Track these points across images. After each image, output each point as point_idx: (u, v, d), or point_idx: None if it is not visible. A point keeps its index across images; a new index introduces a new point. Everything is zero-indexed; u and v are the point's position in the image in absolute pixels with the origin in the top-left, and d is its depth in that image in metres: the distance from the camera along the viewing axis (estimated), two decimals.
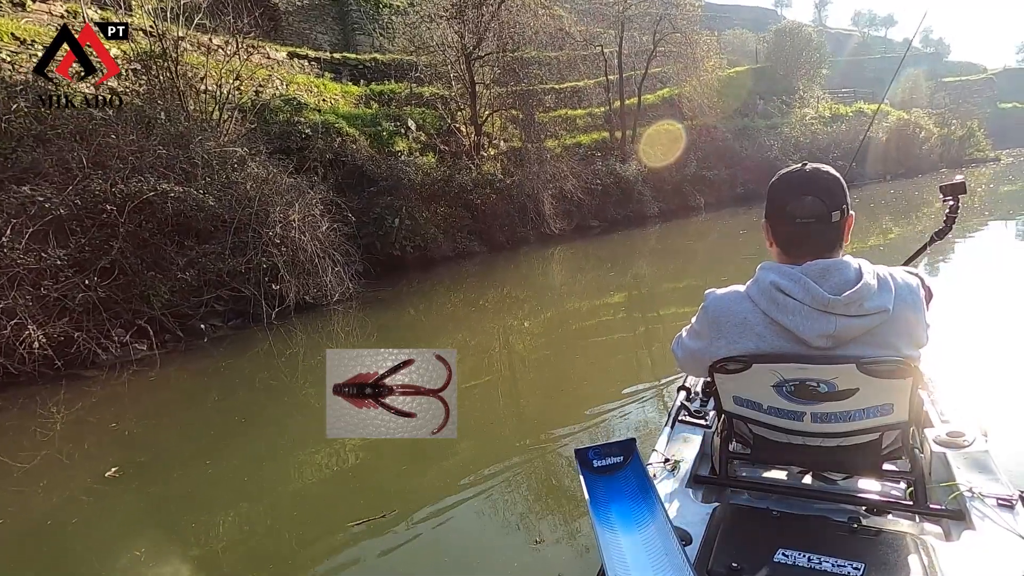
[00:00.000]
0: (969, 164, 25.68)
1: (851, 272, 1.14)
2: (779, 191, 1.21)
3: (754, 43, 25.57)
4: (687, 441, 1.56)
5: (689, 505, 1.29)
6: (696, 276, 9.12)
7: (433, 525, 2.72)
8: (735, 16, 39.24)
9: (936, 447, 1.39)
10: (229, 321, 6.05)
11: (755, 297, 1.19)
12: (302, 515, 3.00)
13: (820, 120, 21.09)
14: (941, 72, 42.23)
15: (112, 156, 5.75)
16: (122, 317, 5.25)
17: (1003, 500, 1.19)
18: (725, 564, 1.05)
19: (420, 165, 11.34)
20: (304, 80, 13.52)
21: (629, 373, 4.91)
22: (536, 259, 11.40)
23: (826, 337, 1.13)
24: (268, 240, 5.97)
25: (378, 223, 10.03)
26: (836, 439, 1.24)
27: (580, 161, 14.20)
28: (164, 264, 5.63)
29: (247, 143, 8.38)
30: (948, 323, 1.26)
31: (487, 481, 3.06)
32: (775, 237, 1.24)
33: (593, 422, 3.73)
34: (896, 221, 12.92)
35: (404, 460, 3.44)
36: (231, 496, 3.26)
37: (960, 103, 31.24)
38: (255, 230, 5.98)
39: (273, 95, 11.04)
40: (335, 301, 6.67)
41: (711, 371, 1.27)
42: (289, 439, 3.97)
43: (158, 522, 3.03)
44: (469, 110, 12.77)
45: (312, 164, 10.07)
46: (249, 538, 2.86)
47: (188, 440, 4.07)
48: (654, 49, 15.49)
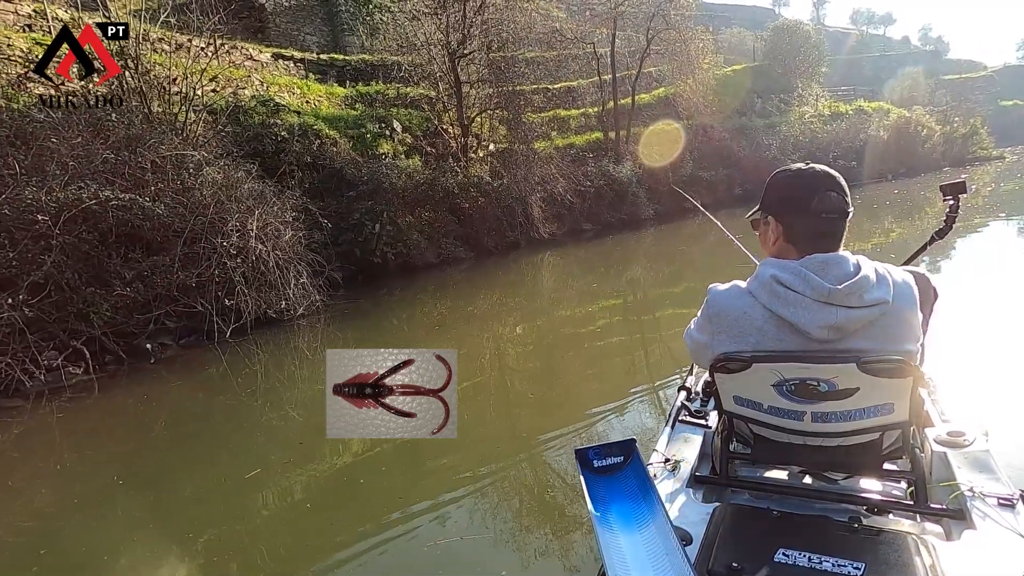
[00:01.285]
0: (972, 163, 25.10)
1: (849, 265, 1.15)
2: (800, 188, 1.20)
3: (752, 42, 25.14)
4: (687, 441, 1.55)
5: (689, 505, 1.29)
6: (693, 279, 8.76)
7: (418, 539, 2.62)
8: (733, 15, 38.93)
9: (937, 446, 1.38)
10: (181, 339, 5.56)
11: (756, 292, 1.19)
12: (271, 546, 2.74)
13: (820, 119, 20.58)
14: (941, 70, 41.90)
15: (52, 161, 5.27)
16: (56, 338, 4.77)
17: (1004, 500, 1.19)
18: (725, 564, 1.05)
19: (403, 168, 10.86)
20: (286, 81, 13.10)
21: (625, 379, 4.69)
22: (526, 265, 10.94)
23: (828, 328, 1.12)
24: (223, 251, 5.47)
25: (357, 229, 9.57)
26: (837, 439, 1.24)
27: (572, 162, 13.75)
28: (106, 278, 5.15)
29: (217, 146, 7.97)
30: (948, 323, 1.43)
31: (481, 481, 3.03)
32: (790, 233, 1.21)
33: (585, 427, 3.65)
34: (899, 221, 12.48)
35: (374, 496, 3.14)
36: (181, 532, 2.89)
37: (961, 101, 30.69)
38: (208, 240, 5.49)
39: (251, 96, 10.57)
40: (299, 315, 6.19)
41: (711, 371, 1.27)
42: (248, 464, 3.62)
43: (96, 566, 2.67)
44: (456, 111, 12.32)
45: (288, 168, 9.64)
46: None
47: (131, 471, 3.66)
48: (647, 46, 15.02)
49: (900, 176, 21.13)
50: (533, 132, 13.02)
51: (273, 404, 4.84)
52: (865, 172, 20.24)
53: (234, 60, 13.52)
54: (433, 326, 7.37)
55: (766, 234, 1.26)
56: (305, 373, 5.48)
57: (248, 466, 3.62)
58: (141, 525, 3.04)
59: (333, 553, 2.64)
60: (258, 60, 14.06)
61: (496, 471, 3.16)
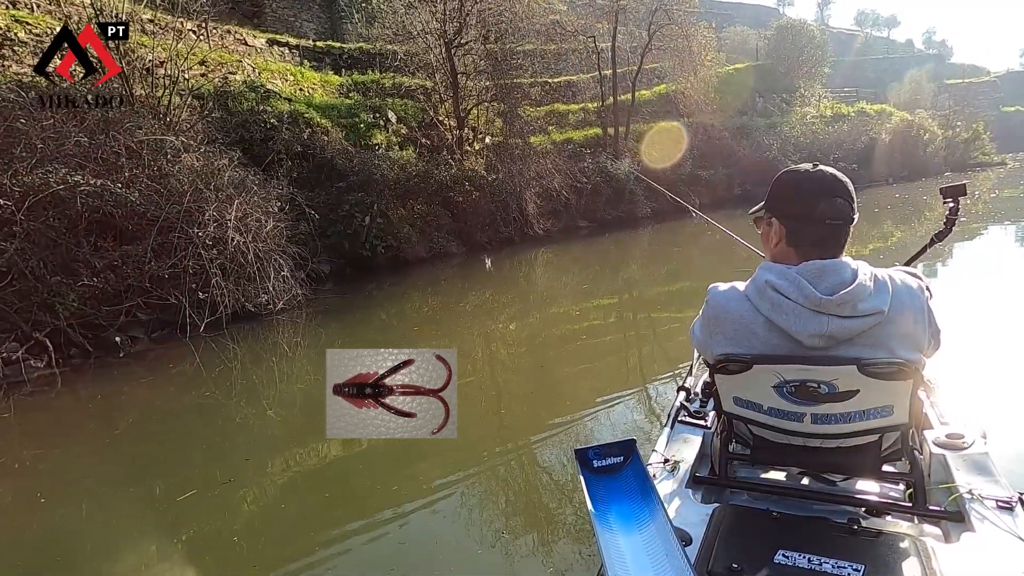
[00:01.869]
0: (974, 168, 24.92)
1: (847, 273, 1.13)
2: (805, 192, 1.18)
3: (755, 40, 24.86)
4: (687, 442, 1.55)
5: (689, 506, 1.28)
6: (690, 277, 8.58)
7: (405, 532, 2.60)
8: (736, 14, 38.64)
9: (936, 449, 1.38)
10: (152, 333, 5.32)
11: (752, 296, 1.19)
12: (251, 547, 2.61)
13: (821, 119, 20.34)
14: (944, 74, 41.76)
15: (19, 143, 5.02)
16: (17, 329, 4.53)
17: (1002, 502, 1.18)
18: (725, 565, 1.05)
19: (396, 159, 10.60)
20: (279, 68, 12.81)
21: (617, 379, 4.62)
22: (519, 262, 10.72)
23: (818, 337, 1.12)
24: (198, 241, 5.23)
25: (347, 221, 9.32)
26: (836, 440, 1.24)
27: (569, 158, 13.50)
28: (74, 267, 4.91)
29: (202, 132, 7.71)
30: (948, 325, 1.23)
31: (468, 480, 3.00)
32: (792, 237, 1.19)
33: (576, 422, 3.60)
34: (898, 225, 12.29)
35: (361, 497, 3.00)
36: (152, 533, 2.76)
37: (964, 105, 30.49)
38: (184, 230, 5.25)
39: (241, 82, 10.28)
40: (279, 310, 5.95)
41: (711, 372, 1.27)
42: (221, 465, 3.46)
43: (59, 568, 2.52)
44: (452, 102, 12.05)
45: (277, 156, 9.38)
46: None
47: (95, 472, 3.47)
48: (649, 41, 14.75)
49: (901, 179, 20.94)
50: (530, 126, 12.76)
51: (249, 401, 4.63)
52: (866, 175, 20.06)
53: (227, 45, 13.24)
54: (423, 322, 7.19)
55: (768, 235, 1.24)
56: (285, 370, 5.27)
57: (221, 467, 3.44)
58: (108, 526, 2.88)
59: (316, 551, 2.55)
60: (252, 45, 13.77)
61: (484, 471, 3.11)
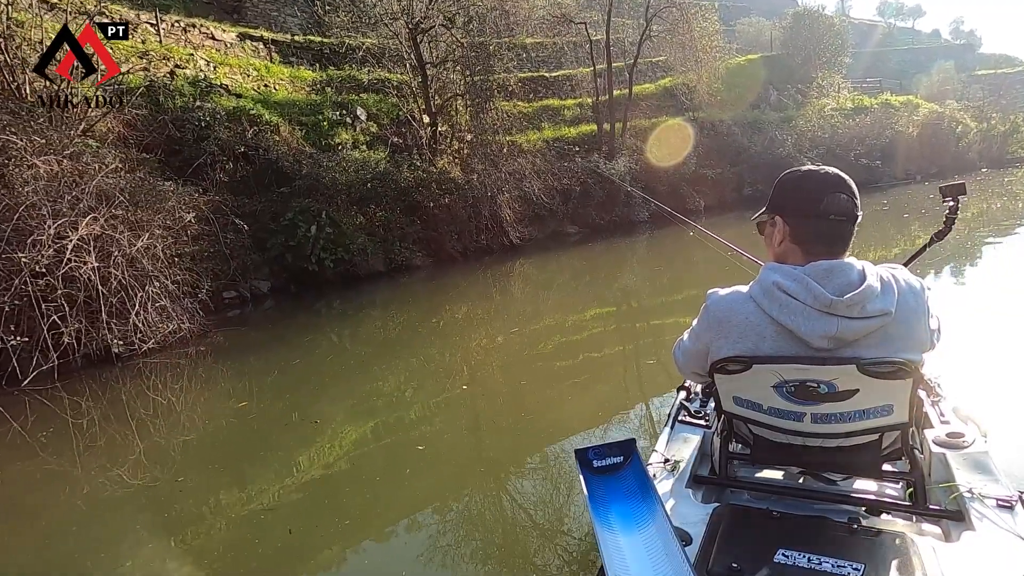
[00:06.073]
0: (1013, 163, 22.83)
1: (854, 274, 1.13)
2: (809, 188, 1.18)
3: (770, 31, 23.31)
4: (687, 441, 1.55)
5: (689, 505, 1.28)
6: (693, 286, 7.46)
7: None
8: (752, 6, 36.88)
9: (936, 448, 1.39)
10: None
11: (757, 297, 1.18)
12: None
13: (841, 112, 18.68)
14: (973, 64, 39.58)
15: None
16: None
17: (1003, 501, 1.19)
18: (725, 564, 1.05)
19: (355, 160, 9.42)
20: (239, 62, 11.76)
21: (606, 406, 4.04)
22: (493, 275, 9.45)
23: (827, 338, 1.11)
24: (25, 268, 4.08)
25: (290, 231, 8.17)
26: (836, 440, 1.23)
27: (557, 157, 12.23)
28: None
29: (113, 131, 6.63)
30: (948, 325, 1.06)
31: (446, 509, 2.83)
32: (796, 234, 1.19)
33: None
34: (926, 230, 10.81)
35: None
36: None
37: (998, 97, 28.41)
38: (6, 252, 4.11)
39: (183, 77, 9.19)
40: (154, 349, 4.78)
41: (711, 372, 1.26)
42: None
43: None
44: (423, 96, 10.87)
45: (212, 159, 8.27)
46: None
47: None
48: (647, 26, 13.37)
49: (932, 177, 19.06)
50: (508, 123, 11.50)
51: (98, 469, 3.52)
52: (891, 172, 18.38)
53: (191, 39, 12.26)
54: (386, 342, 6.30)
55: (772, 235, 1.23)
56: (156, 424, 4.13)
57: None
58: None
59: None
60: (220, 40, 12.82)
61: (460, 500, 2.98)
